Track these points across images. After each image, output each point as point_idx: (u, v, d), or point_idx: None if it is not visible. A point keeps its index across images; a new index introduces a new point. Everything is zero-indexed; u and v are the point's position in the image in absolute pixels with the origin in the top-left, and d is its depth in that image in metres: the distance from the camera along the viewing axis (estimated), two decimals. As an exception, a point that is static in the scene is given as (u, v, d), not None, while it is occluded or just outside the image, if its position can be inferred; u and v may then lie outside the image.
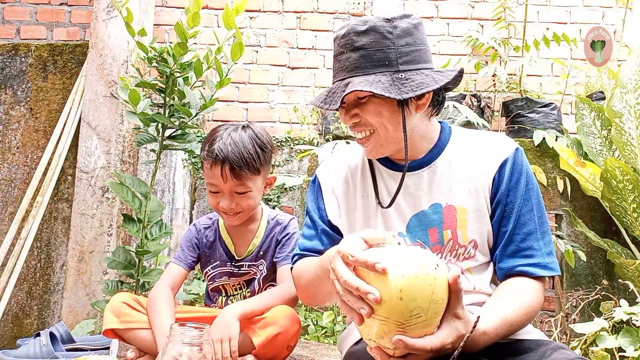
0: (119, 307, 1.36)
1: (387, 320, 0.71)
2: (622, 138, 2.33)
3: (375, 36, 0.96)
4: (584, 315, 2.34)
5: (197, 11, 1.71)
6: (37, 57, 2.84)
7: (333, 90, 0.98)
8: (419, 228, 1.02)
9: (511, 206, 0.98)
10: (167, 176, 2.71)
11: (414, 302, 0.70)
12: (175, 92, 1.85)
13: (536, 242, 0.97)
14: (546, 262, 0.96)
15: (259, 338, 1.23)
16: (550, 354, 0.84)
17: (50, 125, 2.76)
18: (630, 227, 2.32)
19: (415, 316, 0.71)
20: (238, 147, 1.31)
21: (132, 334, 1.34)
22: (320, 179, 1.14)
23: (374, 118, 0.98)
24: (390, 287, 0.70)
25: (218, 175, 1.31)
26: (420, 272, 0.71)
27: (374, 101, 0.97)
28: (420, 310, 0.71)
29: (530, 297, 0.92)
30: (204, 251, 1.50)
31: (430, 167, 1.04)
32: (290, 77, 3.10)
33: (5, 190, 2.76)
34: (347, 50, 0.97)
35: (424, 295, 0.71)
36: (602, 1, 3.13)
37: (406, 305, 0.70)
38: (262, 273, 1.47)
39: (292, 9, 3.12)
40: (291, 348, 1.32)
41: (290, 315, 1.27)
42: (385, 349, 0.74)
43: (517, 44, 2.93)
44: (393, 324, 0.71)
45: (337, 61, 1.00)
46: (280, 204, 2.61)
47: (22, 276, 2.62)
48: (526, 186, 1.00)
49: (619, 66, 2.41)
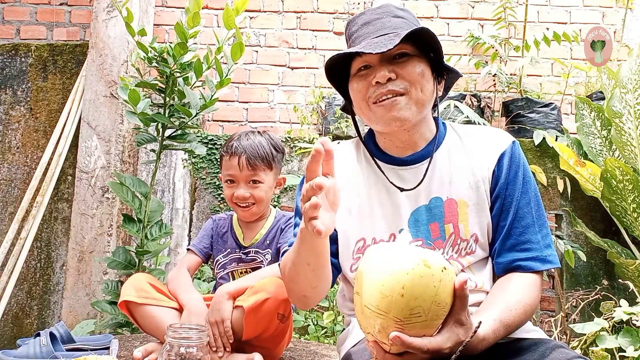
0: (139, 283, 1.40)
1: (386, 315, 0.70)
2: (622, 138, 2.33)
3: (410, 15, 1.04)
4: (584, 315, 2.34)
5: (197, 11, 1.71)
6: (37, 57, 2.84)
7: (375, 42, 0.96)
8: (420, 223, 1.00)
9: (510, 199, 0.98)
10: (167, 176, 2.71)
11: (415, 301, 0.70)
12: (175, 92, 1.85)
13: (534, 235, 0.97)
14: (544, 255, 0.96)
15: (247, 302, 1.26)
16: (549, 353, 0.84)
17: (50, 125, 2.76)
18: (630, 227, 2.32)
19: (415, 315, 0.70)
20: (254, 143, 1.49)
21: (146, 311, 1.36)
22: None
23: (413, 75, 0.96)
24: (393, 282, 0.70)
25: (235, 164, 1.47)
26: (426, 272, 0.70)
27: (415, 60, 0.98)
28: (421, 310, 0.70)
29: (529, 296, 0.92)
30: (217, 240, 1.60)
31: (429, 161, 1.02)
32: (290, 77, 3.10)
33: (5, 190, 2.76)
34: (387, 16, 1.01)
35: (426, 295, 0.70)
36: (602, 1, 3.12)
37: (407, 302, 0.69)
38: (268, 260, 1.52)
39: (292, 9, 3.12)
40: (283, 318, 1.31)
41: (279, 283, 1.28)
42: (382, 344, 0.74)
43: (517, 44, 2.93)
44: (392, 319, 0.70)
45: (371, 25, 1.01)
46: (280, 204, 2.61)
47: (22, 276, 2.62)
48: (524, 179, 0.99)
49: (619, 66, 2.41)
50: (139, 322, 1.39)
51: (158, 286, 1.43)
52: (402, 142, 1.04)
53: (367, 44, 0.97)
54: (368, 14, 1.03)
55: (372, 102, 0.98)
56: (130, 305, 1.37)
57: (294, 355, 1.51)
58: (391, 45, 0.91)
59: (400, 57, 0.97)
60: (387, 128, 1.00)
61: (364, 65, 0.99)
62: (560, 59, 2.91)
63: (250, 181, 1.48)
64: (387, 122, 0.98)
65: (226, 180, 1.52)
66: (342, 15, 3.12)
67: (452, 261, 0.99)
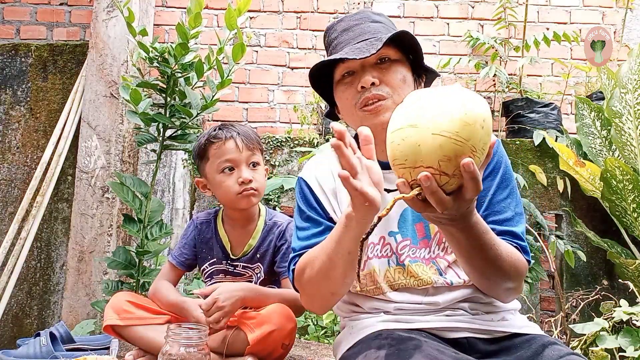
0: (119, 304, 1.37)
1: (465, 143, 0.69)
2: (622, 138, 2.33)
3: (387, 19, 1.08)
4: (584, 315, 2.34)
5: (198, 12, 1.71)
6: (37, 57, 2.84)
7: (357, 47, 0.99)
8: (408, 223, 1.01)
9: (484, 193, 0.98)
10: (167, 176, 2.71)
11: (487, 137, 0.72)
12: (177, 92, 1.85)
13: (515, 227, 0.97)
14: (525, 245, 0.97)
15: (253, 334, 1.24)
16: (542, 350, 0.85)
17: (50, 125, 2.76)
18: (630, 227, 2.32)
19: (480, 150, 0.71)
20: (241, 127, 1.43)
21: (132, 331, 1.35)
22: (308, 181, 1.10)
23: (395, 81, 1.00)
24: (476, 114, 0.70)
25: (233, 147, 1.38)
26: (489, 116, 0.73)
27: (397, 66, 1.01)
28: (484, 148, 0.72)
29: (519, 258, 0.92)
30: (200, 248, 1.50)
31: None
32: (290, 77, 3.10)
33: (5, 190, 2.75)
34: (366, 22, 1.04)
35: (487, 137, 0.72)
36: (602, 1, 3.13)
37: (483, 135, 0.71)
38: (259, 277, 1.47)
39: (292, 9, 3.12)
40: (287, 347, 1.32)
41: (286, 313, 1.28)
42: (441, 175, 0.71)
43: (517, 44, 2.93)
44: (469, 148, 0.70)
45: (351, 31, 1.04)
46: (280, 204, 2.61)
47: (22, 276, 2.61)
48: (503, 176, 0.99)
49: (619, 66, 2.41)
50: (129, 341, 1.39)
51: (140, 302, 1.40)
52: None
53: (350, 50, 0.99)
54: (347, 20, 1.06)
55: (359, 108, 1.00)
56: (115, 327, 1.35)
57: (294, 355, 1.51)
58: (374, 50, 0.95)
59: (382, 62, 1.01)
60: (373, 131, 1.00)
61: (347, 71, 1.02)
62: (560, 59, 2.91)
63: (250, 163, 1.41)
64: (373, 126, 0.98)
65: (222, 169, 1.39)
66: (342, 15, 3.12)
67: (439, 259, 0.99)
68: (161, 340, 1.08)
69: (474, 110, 0.71)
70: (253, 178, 1.39)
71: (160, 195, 2.69)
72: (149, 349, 1.34)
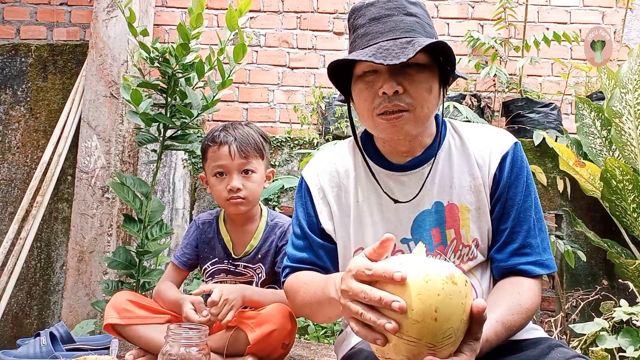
0: (120, 303, 1.37)
1: (418, 342, 0.65)
2: (622, 138, 2.33)
3: (422, 10, 0.97)
4: (584, 315, 2.34)
5: (200, 12, 1.71)
6: (37, 57, 2.84)
7: (385, 47, 0.89)
8: (423, 229, 0.98)
9: (511, 203, 0.96)
10: (167, 176, 2.71)
11: (447, 323, 0.65)
12: (177, 92, 1.85)
13: (534, 239, 0.96)
14: (544, 259, 0.95)
15: (254, 334, 1.24)
16: (548, 352, 0.84)
17: (50, 125, 2.76)
18: (630, 227, 2.32)
19: (447, 337, 0.65)
20: (243, 131, 1.41)
21: (133, 331, 1.35)
22: (309, 183, 1.08)
23: (420, 92, 0.92)
24: (425, 306, 0.64)
25: (225, 153, 1.37)
26: (455, 290, 0.65)
27: (425, 74, 0.93)
28: (452, 330, 0.66)
29: (530, 299, 0.91)
30: (202, 247, 1.51)
31: (430, 164, 0.99)
32: (290, 77, 3.10)
33: (5, 190, 2.75)
34: (399, 14, 0.93)
35: (457, 314, 0.65)
36: (602, 1, 3.13)
37: (440, 326, 0.64)
38: (260, 277, 1.47)
39: (292, 9, 3.12)
40: (287, 347, 1.32)
41: (286, 313, 1.28)
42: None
43: (517, 44, 2.93)
44: (424, 345, 0.65)
45: (381, 22, 0.93)
46: (280, 204, 2.61)
47: (22, 276, 2.61)
48: (526, 182, 0.98)
49: (619, 66, 2.41)
50: (129, 341, 1.39)
51: (141, 302, 1.40)
52: (402, 149, 1.02)
53: (378, 50, 0.89)
54: (378, 6, 0.95)
55: (377, 114, 0.93)
56: (115, 327, 1.35)
57: (294, 355, 1.51)
58: (404, 58, 0.85)
59: (409, 66, 0.92)
60: (388, 139, 0.99)
61: (370, 69, 0.94)
62: (560, 59, 2.91)
63: (242, 171, 1.39)
64: (390, 135, 0.96)
65: (215, 173, 1.40)
66: (342, 15, 3.12)
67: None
68: (161, 340, 1.07)
69: (425, 302, 0.64)
70: (243, 186, 1.38)
71: (160, 195, 2.69)
72: (149, 349, 1.34)
